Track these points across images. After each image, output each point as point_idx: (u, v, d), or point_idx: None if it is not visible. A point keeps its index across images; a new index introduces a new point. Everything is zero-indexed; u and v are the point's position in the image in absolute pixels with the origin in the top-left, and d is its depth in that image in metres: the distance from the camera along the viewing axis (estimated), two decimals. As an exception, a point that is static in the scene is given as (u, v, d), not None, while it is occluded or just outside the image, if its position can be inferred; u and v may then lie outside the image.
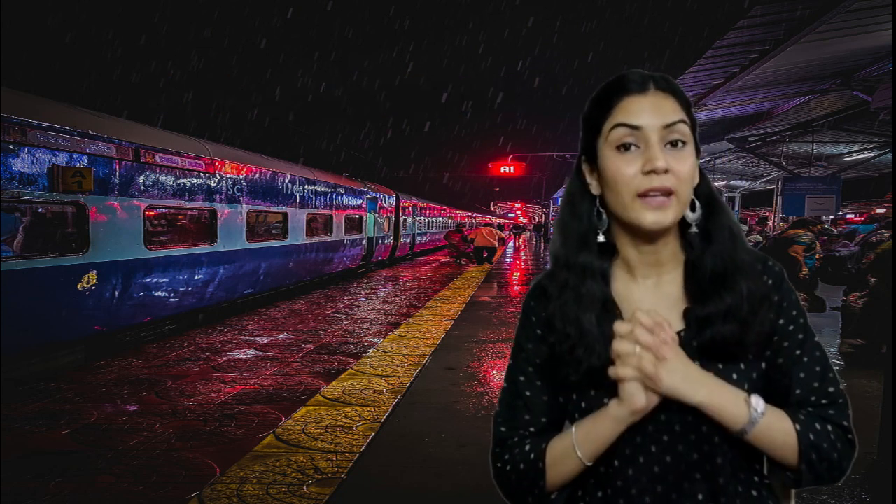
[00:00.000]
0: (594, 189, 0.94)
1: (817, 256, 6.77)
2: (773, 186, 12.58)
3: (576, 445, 0.87)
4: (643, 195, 0.85)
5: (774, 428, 0.84)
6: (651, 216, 0.85)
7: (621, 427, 0.85)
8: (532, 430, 0.96)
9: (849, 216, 24.60)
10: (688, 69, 6.10)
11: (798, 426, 0.85)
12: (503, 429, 0.97)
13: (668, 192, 0.85)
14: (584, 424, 0.89)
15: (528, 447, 0.94)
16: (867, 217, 19.94)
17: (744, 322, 0.87)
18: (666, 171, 0.84)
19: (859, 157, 11.76)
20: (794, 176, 11.16)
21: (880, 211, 18.00)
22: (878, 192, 20.50)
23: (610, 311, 0.91)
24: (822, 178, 11.00)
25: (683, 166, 0.86)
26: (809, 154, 10.86)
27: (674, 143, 0.87)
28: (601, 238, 0.94)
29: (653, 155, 0.84)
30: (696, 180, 0.91)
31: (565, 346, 0.90)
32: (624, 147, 0.87)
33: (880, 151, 10.77)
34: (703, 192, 0.94)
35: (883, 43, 5.41)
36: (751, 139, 10.73)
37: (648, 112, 0.86)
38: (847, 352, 5.62)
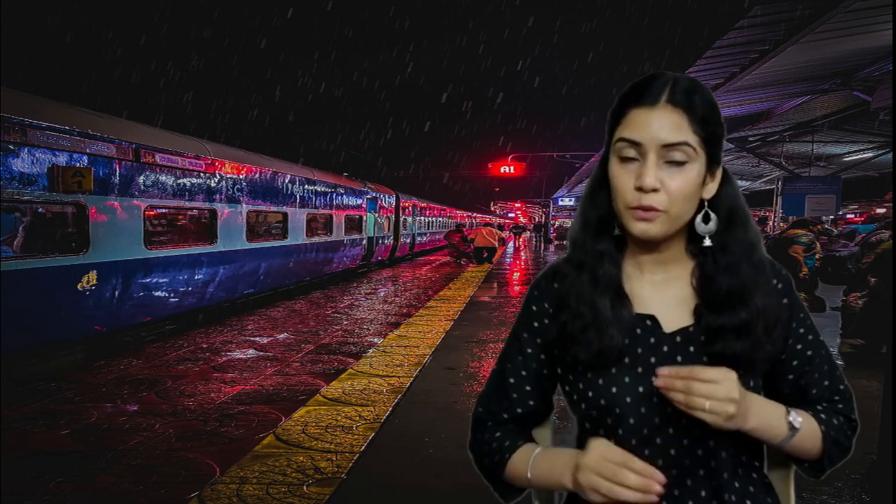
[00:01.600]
0: None
1: (817, 256, 6.76)
2: (773, 186, 12.58)
3: (530, 468, 0.92)
4: (633, 208, 0.88)
5: (807, 435, 0.90)
6: (637, 227, 0.88)
7: (571, 486, 0.86)
8: (505, 416, 1.02)
9: (849, 216, 24.61)
10: (688, 69, 6.10)
11: (823, 427, 0.92)
12: (480, 409, 1.05)
13: (653, 210, 0.86)
14: (547, 457, 0.92)
15: (496, 440, 0.99)
16: (867, 217, 19.95)
17: (756, 342, 0.89)
18: (655, 190, 0.85)
19: (859, 157, 11.77)
20: (794, 176, 11.17)
21: (880, 211, 18.00)
22: (878, 192, 20.48)
23: (623, 298, 0.94)
24: (822, 178, 11.02)
25: (677, 185, 0.86)
26: (809, 154, 10.87)
27: (674, 162, 0.86)
28: (617, 231, 0.96)
29: (644, 173, 0.86)
30: (712, 192, 0.92)
31: (578, 325, 0.92)
32: (626, 158, 0.89)
33: (880, 151, 10.78)
34: (724, 206, 0.94)
35: (883, 43, 5.41)
36: (751, 139, 10.73)
37: (651, 128, 0.86)
38: (847, 352, 5.61)
